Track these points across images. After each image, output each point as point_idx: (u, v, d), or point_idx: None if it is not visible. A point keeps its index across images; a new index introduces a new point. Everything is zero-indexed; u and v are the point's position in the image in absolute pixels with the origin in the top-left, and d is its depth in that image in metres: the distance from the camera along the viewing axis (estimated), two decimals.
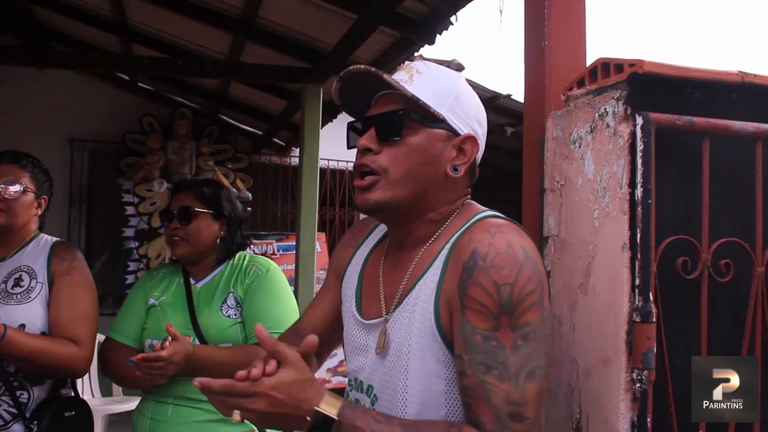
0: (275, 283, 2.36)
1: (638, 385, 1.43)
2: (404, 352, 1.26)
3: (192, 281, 2.40)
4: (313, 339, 1.18)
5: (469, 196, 1.38)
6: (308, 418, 1.12)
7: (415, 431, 1.16)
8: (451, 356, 1.22)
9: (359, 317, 1.38)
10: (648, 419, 1.43)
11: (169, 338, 2.08)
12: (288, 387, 1.11)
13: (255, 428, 2.16)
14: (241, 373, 1.12)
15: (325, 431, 1.12)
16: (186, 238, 2.34)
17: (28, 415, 2.14)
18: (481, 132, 1.35)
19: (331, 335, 1.52)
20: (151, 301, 2.37)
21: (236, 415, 1.14)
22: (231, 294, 2.32)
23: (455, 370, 1.20)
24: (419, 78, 1.29)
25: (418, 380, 1.25)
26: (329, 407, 1.13)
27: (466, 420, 1.18)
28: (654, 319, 1.42)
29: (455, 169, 1.30)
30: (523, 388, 1.14)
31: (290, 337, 1.54)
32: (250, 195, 7.32)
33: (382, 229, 1.46)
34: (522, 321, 1.15)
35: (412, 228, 1.33)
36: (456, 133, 1.30)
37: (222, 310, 2.30)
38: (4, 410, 2.12)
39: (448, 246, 1.27)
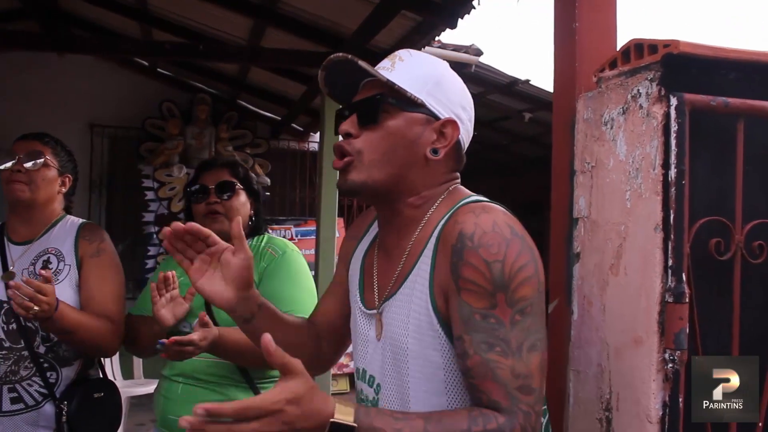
0: (292, 265, 2.33)
1: (670, 365, 1.43)
2: (403, 344, 1.28)
3: None
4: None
5: (458, 182, 1.40)
6: None
7: (436, 422, 1.13)
8: (449, 344, 1.24)
9: (362, 306, 1.42)
10: (680, 399, 1.44)
11: (197, 322, 2.08)
12: (300, 399, 1.04)
13: None
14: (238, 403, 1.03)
15: None
16: (225, 213, 2.32)
17: (57, 395, 2.18)
18: (465, 117, 1.37)
19: (347, 325, 1.52)
20: None
21: None
22: None
23: (456, 353, 1.21)
24: (401, 65, 1.34)
25: (420, 370, 1.27)
26: (344, 415, 1.08)
27: (475, 403, 1.18)
28: (687, 300, 1.42)
29: (435, 152, 1.32)
30: (527, 361, 1.16)
31: (306, 326, 1.57)
32: (268, 180, 7.34)
33: None
34: (518, 296, 1.17)
35: (396, 210, 1.35)
36: (437, 117, 1.33)
37: None
38: (35, 390, 2.16)
39: (436, 233, 1.29)
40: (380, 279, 1.39)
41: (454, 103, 1.35)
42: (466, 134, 1.38)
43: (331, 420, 1.06)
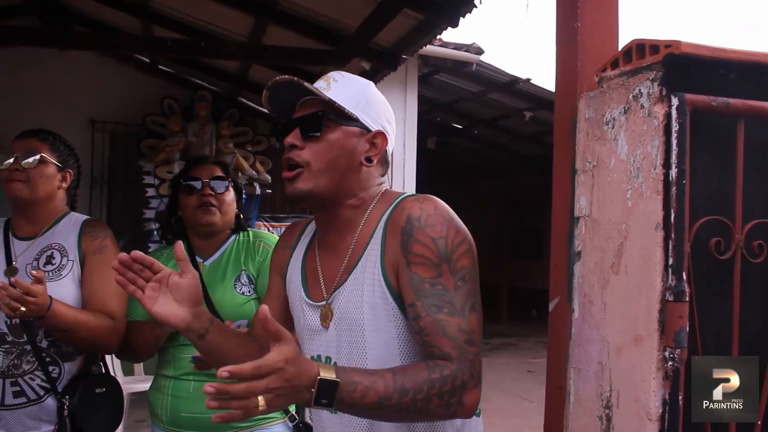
0: None
1: (670, 363, 1.44)
2: (359, 321, 1.47)
3: (199, 260, 2.44)
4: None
5: (386, 185, 1.61)
6: (312, 390, 1.22)
7: (401, 373, 1.31)
8: (401, 315, 1.44)
9: (309, 300, 1.58)
10: (680, 397, 1.45)
11: None
12: (294, 360, 1.20)
13: None
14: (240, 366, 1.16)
15: (330, 396, 1.23)
16: (219, 206, 2.40)
17: (59, 389, 2.19)
18: (390, 129, 1.59)
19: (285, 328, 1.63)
20: None
21: (262, 401, 1.16)
22: (243, 272, 2.38)
23: (410, 318, 1.41)
24: (335, 85, 1.54)
25: (377, 342, 1.45)
26: (328, 373, 1.24)
27: (429, 357, 1.37)
28: (687, 299, 1.43)
29: (369, 160, 1.54)
30: (469, 319, 1.39)
31: (250, 336, 1.66)
32: (269, 178, 7.34)
33: (311, 229, 1.69)
34: (459, 266, 1.41)
35: (336, 213, 1.55)
36: (368, 130, 1.54)
37: (236, 287, 2.36)
38: (38, 384, 2.17)
39: (382, 224, 1.49)
40: (326, 273, 1.56)
41: (382, 117, 1.57)
42: (390, 144, 1.59)
43: (319, 377, 1.22)
